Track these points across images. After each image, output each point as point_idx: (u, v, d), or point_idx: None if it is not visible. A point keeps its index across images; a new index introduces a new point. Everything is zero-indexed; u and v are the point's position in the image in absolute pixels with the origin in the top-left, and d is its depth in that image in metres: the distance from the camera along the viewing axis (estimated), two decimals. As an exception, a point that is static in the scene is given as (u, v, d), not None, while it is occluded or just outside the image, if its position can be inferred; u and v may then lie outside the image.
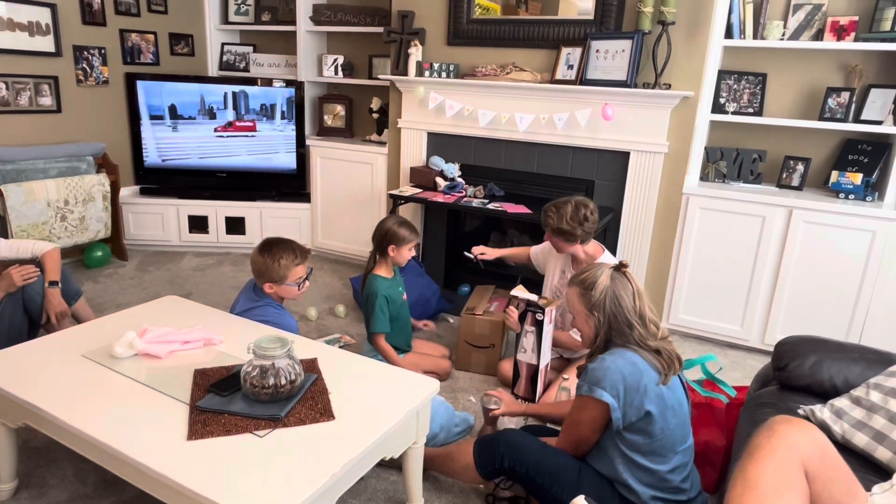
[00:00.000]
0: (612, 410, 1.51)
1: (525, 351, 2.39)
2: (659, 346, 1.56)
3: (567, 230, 2.35)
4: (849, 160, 2.98)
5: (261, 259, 2.16)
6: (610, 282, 1.60)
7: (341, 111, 4.34)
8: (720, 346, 3.19)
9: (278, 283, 2.17)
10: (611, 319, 1.59)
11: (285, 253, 2.16)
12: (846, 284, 2.84)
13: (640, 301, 1.59)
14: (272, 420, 1.51)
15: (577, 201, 2.38)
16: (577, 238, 2.37)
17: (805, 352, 1.90)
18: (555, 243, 2.46)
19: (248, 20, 4.58)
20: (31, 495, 1.84)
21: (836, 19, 2.87)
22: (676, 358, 1.57)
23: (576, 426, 1.61)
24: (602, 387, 1.51)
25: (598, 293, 1.60)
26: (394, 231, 2.50)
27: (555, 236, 2.41)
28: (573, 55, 3.18)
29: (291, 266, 2.17)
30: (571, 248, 2.44)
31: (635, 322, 1.57)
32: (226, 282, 3.75)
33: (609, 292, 1.59)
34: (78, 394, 1.61)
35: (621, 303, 1.58)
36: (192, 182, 4.26)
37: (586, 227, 2.36)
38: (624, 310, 1.57)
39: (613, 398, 1.50)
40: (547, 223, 2.40)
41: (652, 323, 1.59)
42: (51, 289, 2.46)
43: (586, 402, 1.56)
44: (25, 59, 3.54)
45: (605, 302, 1.59)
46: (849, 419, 1.65)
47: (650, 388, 1.51)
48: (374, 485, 1.96)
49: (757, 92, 3.12)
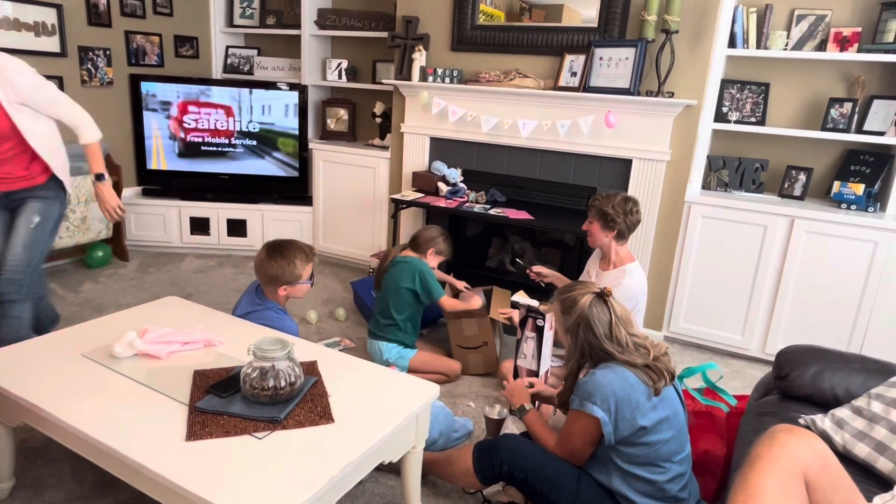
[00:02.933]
0: (602, 425, 1.51)
1: (525, 357, 2.39)
2: (648, 362, 1.55)
3: (611, 215, 2.40)
4: (851, 171, 2.99)
5: (275, 264, 2.15)
6: (587, 309, 1.60)
7: (344, 115, 4.35)
8: (721, 355, 3.18)
9: (293, 283, 2.18)
10: (583, 345, 1.60)
11: (298, 253, 2.19)
12: (848, 294, 2.84)
13: (617, 329, 1.58)
14: (271, 422, 1.50)
15: (625, 195, 2.46)
16: (615, 227, 2.42)
17: (806, 361, 1.89)
18: (593, 230, 2.47)
19: (253, 23, 4.60)
20: (27, 495, 1.83)
21: (840, 30, 2.88)
22: (668, 372, 1.56)
23: (569, 437, 1.61)
24: (593, 401, 1.51)
25: (572, 319, 1.62)
26: (440, 240, 2.76)
27: (597, 219, 2.44)
28: (577, 62, 3.19)
29: (305, 265, 2.21)
30: (606, 241, 2.45)
31: (612, 349, 1.57)
32: (226, 284, 3.75)
33: (583, 320, 1.60)
34: (77, 393, 1.60)
35: (594, 331, 1.58)
36: (195, 184, 4.27)
37: (629, 221, 2.42)
38: (598, 338, 1.58)
39: (605, 413, 1.50)
40: (593, 204, 2.44)
41: (639, 346, 1.58)
42: (100, 183, 2.27)
43: (578, 417, 1.57)
44: (31, 58, 3.53)
45: (578, 329, 1.61)
46: (850, 429, 1.64)
47: (642, 402, 1.51)
48: (371, 489, 1.95)
49: (760, 101, 3.12)
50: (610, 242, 2.47)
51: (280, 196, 4.34)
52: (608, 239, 2.46)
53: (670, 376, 1.56)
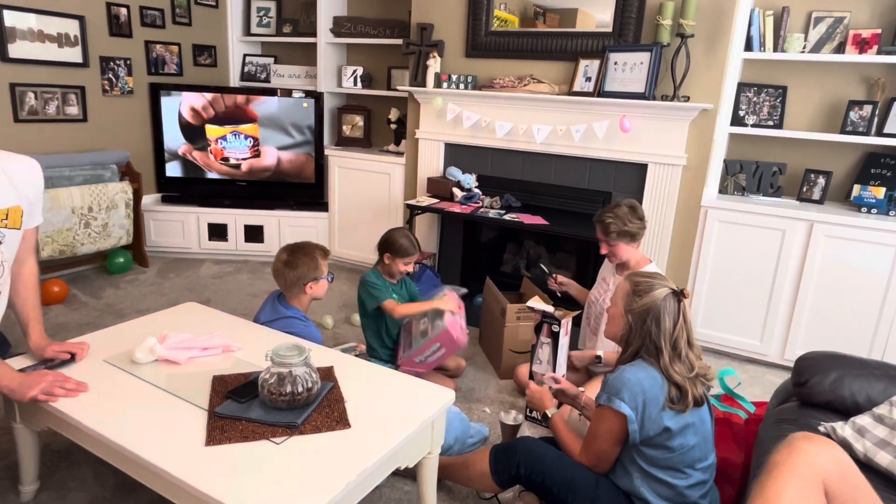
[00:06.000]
0: (629, 422, 1.50)
1: (540, 362, 2.39)
2: (683, 383, 1.51)
3: (633, 231, 2.39)
4: (871, 174, 2.95)
5: (298, 261, 2.20)
6: (661, 300, 1.55)
7: (360, 122, 4.39)
8: (739, 361, 3.15)
9: (318, 279, 2.23)
10: (644, 335, 1.56)
11: (316, 250, 2.26)
12: (868, 300, 2.80)
13: (679, 333, 1.54)
14: (289, 427, 1.52)
15: (626, 202, 2.44)
16: (638, 238, 2.42)
17: (826, 368, 1.87)
18: (617, 250, 2.43)
19: (269, 32, 4.66)
20: (51, 497, 1.87)
21: (858, 32, 2.85)
22: (694, 400, 1.51)
23: (594, 439, 1.60)
24: (621, 397, 1.50)
25: (642, 302, 1.56)
26: (393, 240, 2.55)
27: (620, 239, 2.40)
28: (591, 67, 3.19)
29: (324, 260, 2.27)
30: (627, 255, 2.43)
31: (665, 349, 1.53)
32: (244, 289, 3.79)
33: (653, 309, 1.55)
34: (99, 398, 1.63)
35: (659, 324, 1.54)
36: (213, 190, 4.33)
37: (644, 224, 2.43)
38: (660, 331, 1.54)
39: (632, 410, 1.49)
40: (610, 230, 2.38)
41: (687, 359, 1.54)
42: None
43: (604, 413, 1.55)
44: (54, 69, 3.64)
45: (646, 316, 1.55)
46: (871, 437, 1.61)
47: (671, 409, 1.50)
48: (388, 494, 1.96)
49: (777, 104, 3.10)
50: (631, 253, 2.45)
51: (296, 202, 4.38)
52: (633, 249, 2.44)
53: (695, 401, 1.53)
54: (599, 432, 1.58)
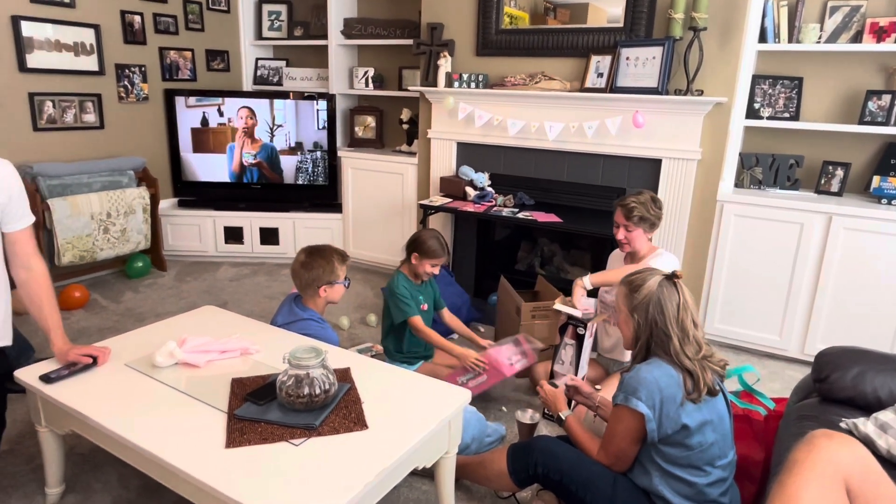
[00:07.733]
0: (647, 421, 1.49)
1: (563, 363, 2.38)
2: (694, 368, 1.51)
3: (653, 219, 2.41)
4: (891, 165, 2.90)
5: (315, 263, 2.22)
6: (657, 287, 1.57)
7: (372, 122, 4.40)
8: (758, 357, 3.11)
9: (333, 283, 2.24)
10: (651, 325, 1.56)
11: (334, 253, 2.27)
12: (890, 293, 2.75)
13: (684, 313, 1.55)
14: (307, 429, 1.53)
15: (650, 195, 2.45)
16: (655, 227, 2.44)
17: (847, 363, 1.84)
18: (634, 237, 2.42)
19: (281, 35, 4.69)
20: (76, 499, 1.91)
21: (876, 20, 2.80)
22: (706, 386, 1.51)
23: (613, 438, 1.59)
24: (638, 396, 1.49)
25: (641, 296, 1.58)
26: (423, 240, 2.54)
27: (640, 224, 2.40)
28: (603, 63, 3.17)
29: (342, 265, 2.28)
30: (641, 244, 2.43)
31: (674, 333, 1.54)
32: (260, 291, 3.82)
33: (653, 297, 1.56)
34: (121, 402, 1.66)
35: (663, 311, 1.55)
36: (228, 194, 4.37)
37: (661, 215, 2.46)
38: (665, 318, 1.55)
39: (649, 409, 1.48)
40: (633, 214, 2.38)
41: (695, 340, 1.55)
42: None
43: (622, 413, 1.54)
44: (71, 77, 3.69)
45: (648, 306, 1.56)
46: (894, 433, 1.59)
47: (687, 400, 1.49)
48: (406, 494, 1.97)
49: (793, 96, 3.05)
50: (644, 242, 2.44)
51: (310, 204, 4.41)
52: (647, 239, 2.44)
53: (708, 391, 1.52)
54: (617, 432, 1.57)
